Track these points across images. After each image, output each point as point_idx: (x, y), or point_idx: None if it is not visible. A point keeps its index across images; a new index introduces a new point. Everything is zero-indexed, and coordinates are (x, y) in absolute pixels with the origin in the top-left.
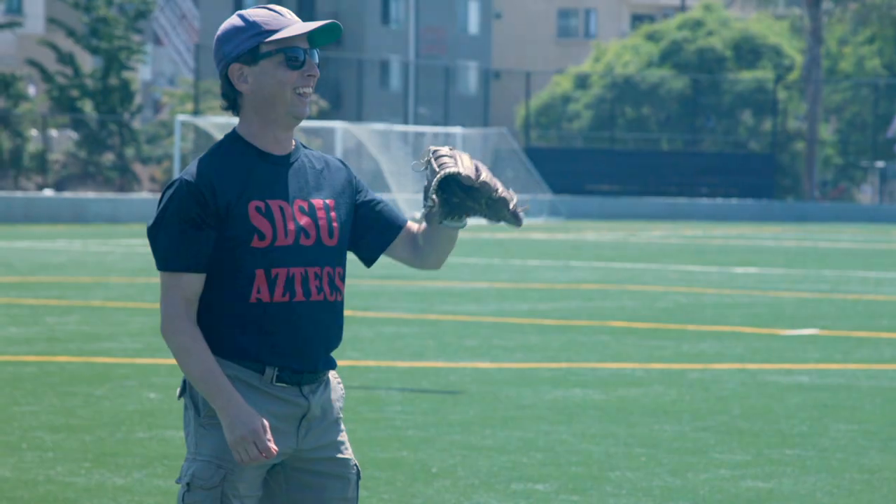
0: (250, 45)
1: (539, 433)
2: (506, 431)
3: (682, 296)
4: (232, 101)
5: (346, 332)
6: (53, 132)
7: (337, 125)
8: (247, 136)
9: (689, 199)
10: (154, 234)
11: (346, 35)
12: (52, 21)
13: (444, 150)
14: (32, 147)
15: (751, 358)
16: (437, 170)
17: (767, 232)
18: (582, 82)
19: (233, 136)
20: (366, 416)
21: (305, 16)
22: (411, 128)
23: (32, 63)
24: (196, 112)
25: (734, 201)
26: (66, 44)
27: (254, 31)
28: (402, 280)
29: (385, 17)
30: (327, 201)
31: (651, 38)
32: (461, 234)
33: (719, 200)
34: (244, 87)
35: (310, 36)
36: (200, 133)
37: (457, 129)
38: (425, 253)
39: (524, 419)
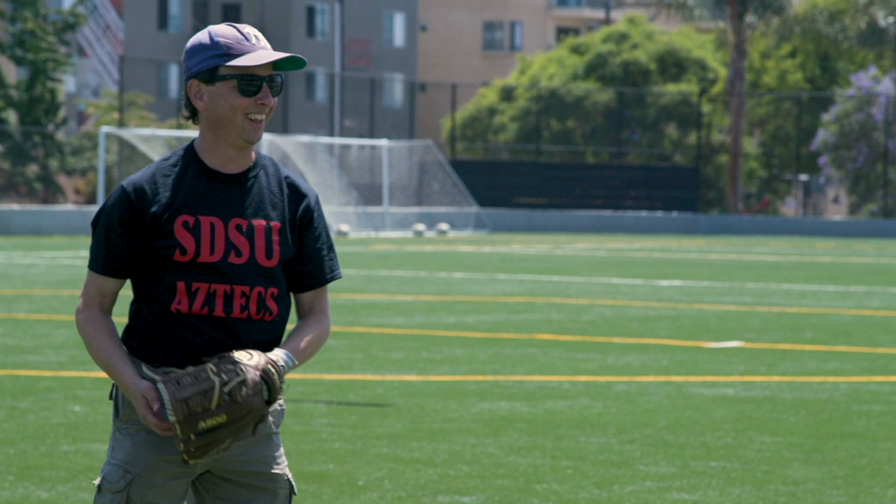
0: (209, 65)
1: (466, 446)
2: (432, 444)
3: (608, 308)
4: (192, 112)
5: None
6: None
7: (262, 137)
8: (200, 150)
9: (615, 211)
10: (91, 231)
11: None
12: None
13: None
14: None
15: (676, 370)
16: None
17: (692, 245)
18: (507, 95)
19: (187, 149)
20: (292, 428)
21: None
22: (337, 140)
23: None
24: (121, 124)
25: (659, 214)
26: None
27: (215, 52)
28: (329, 293)
29: (310, 28)
30: (272, 224)
31: (576, 50)
32: (384, 247)
33: (644, 213)
34: (199, 105)
35: (274, 62)
36: (125, 144)
37: (382, 142)
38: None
39: (451, 432)
